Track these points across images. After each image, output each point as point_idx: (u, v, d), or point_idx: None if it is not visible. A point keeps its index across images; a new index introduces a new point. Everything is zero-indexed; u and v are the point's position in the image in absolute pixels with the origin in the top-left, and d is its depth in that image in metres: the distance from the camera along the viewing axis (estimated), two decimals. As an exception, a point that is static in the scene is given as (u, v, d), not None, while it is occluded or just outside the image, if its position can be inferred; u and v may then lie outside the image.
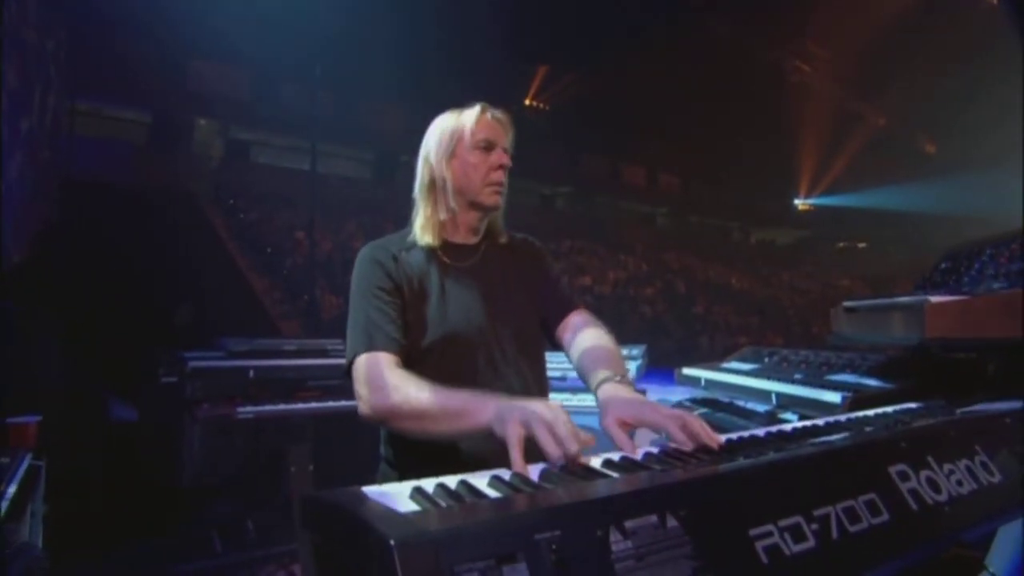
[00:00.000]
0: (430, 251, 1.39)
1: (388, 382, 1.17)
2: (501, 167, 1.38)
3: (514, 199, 1.54)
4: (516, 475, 0.77)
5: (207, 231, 10.55)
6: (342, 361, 1.34)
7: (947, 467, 0.85)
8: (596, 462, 0.86)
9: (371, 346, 1.23)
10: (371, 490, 0.69)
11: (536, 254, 1.54)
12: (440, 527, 0.52)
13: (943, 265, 1.88)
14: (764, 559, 0.60)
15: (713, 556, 0.57)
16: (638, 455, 0.89)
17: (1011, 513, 0.94)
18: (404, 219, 1.46)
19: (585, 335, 1.38)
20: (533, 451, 0.89)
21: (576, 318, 1.43)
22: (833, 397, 1.81)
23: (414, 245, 1.40)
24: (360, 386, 1.21)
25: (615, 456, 0.88)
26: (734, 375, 2.52)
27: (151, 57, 11.87)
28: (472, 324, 1.33)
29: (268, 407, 3.06)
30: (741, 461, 0.74)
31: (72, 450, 3.17)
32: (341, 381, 3.30)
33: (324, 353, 3.44)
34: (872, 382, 1.85)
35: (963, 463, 0.89)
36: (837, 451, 0.79)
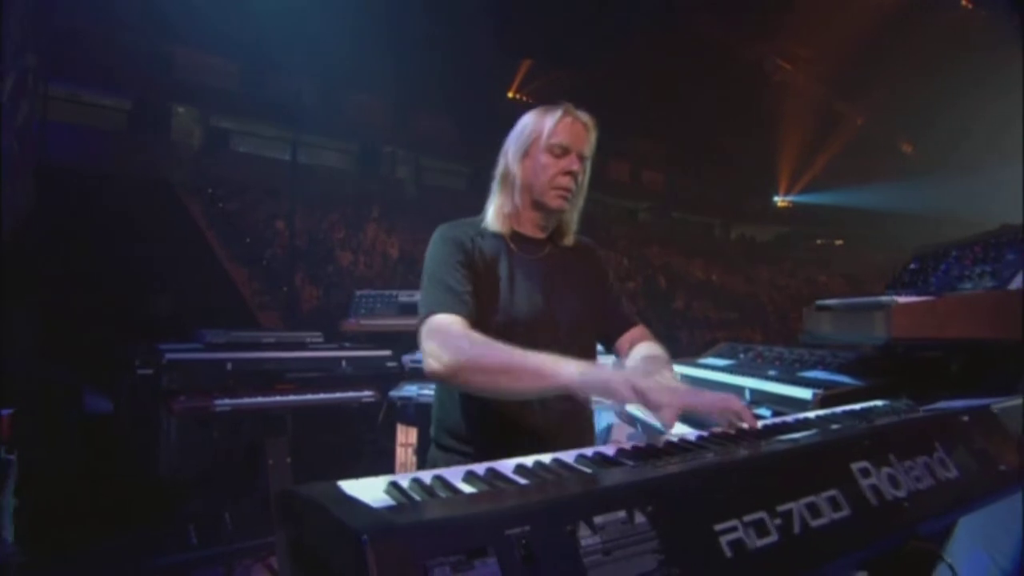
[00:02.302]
0: (501, 238, 1.45)
1: (466, 337, 1.21)
2: (570, 173, 1.40)
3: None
4: (489, 470, 0.79)
5: (186, 220, 10.39)
6: (320, 354, 1.39)
7: (907, 464, 0.88)
8: (570, 458, 0.87)
9: (446, 308, 1.28)
10: (346, 484, 0.70)
11: (598, 263, 1.60)
12: (411, 521, 0.53)
13: (912, 265, 1.92)
14: (728, 553, 0.62)
15: (679, 550, 0.59)
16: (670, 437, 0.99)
17: (966, 507, 0.98)
18: (387, 210, 1.50)
19: (641, 348, 1.45)
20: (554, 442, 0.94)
21: (635, 333, 1.52)
22: (804, 393, 1.85)
23: (486, 231, 1.45)
24: (432, 342, 1.24)
25: (589, 452, 0.90)
26: (710, 371, 2.56)
27: (130, 43, 11.64)
28: (534, 312, 1.39)
29: (246, 400, 3.03)
30: (709, 458, 0.76)
31: (45, 443, 3.12)
32: (320, 374, 3.29)
33: (303, 346, 3.43)
34: (842, 379, 1.89)
35: (922, 460, 0.92)
36: (802, 449, 0.81)
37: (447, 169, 17.64)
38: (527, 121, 1.44)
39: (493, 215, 1.45)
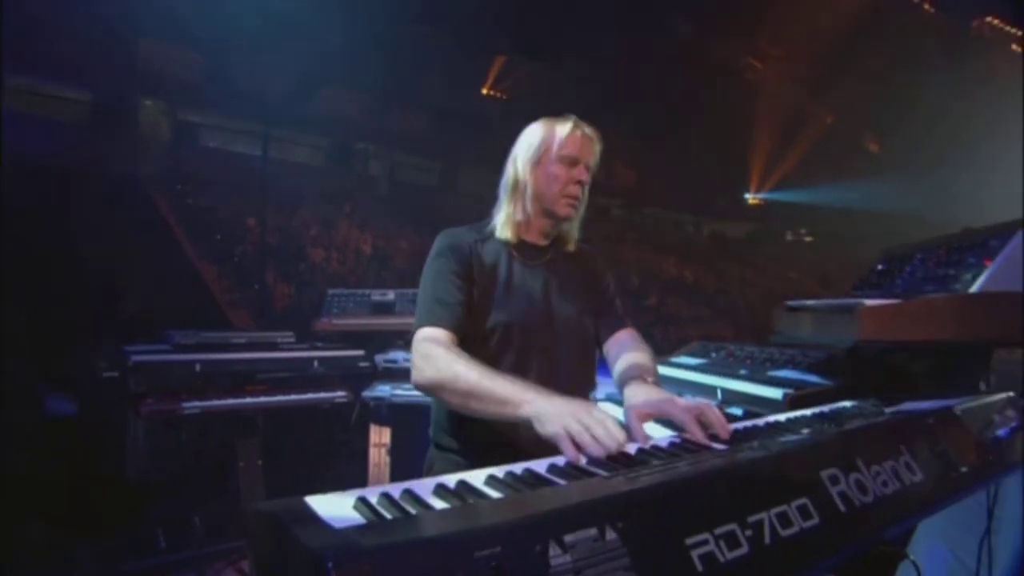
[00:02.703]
0: (504, 245, 1.50)
1: (442, 356, 1.27)
2: (579, 183, 1.48)
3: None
4: (460, 483, 0.78)
5: (152, 217, 10.16)
6: (292, 355, 1.43)
7: (874, 468, 0.90)
8: (542, 467, 0.87)
9: (433, 322, 1.34)
10: (314, 500, 0.69)
11: (598, 268, 1.65)
12: (378, 544, 0.52)
13: (879, 267, 1.96)
14: (699, 567, 0.62)
15: (650, 567, 0.59)
16: (646, 444, 1.00)
17: (930, 510, 0.99)
18: (359, 207, 1.52)
19: (627, 349, 1.49)
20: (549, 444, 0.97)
21: (623, 335, 1.56)
22: (775, 393, 1.88)
23: (490, 237, 1.51)
24: (417, 356, 1.31)
25: (560, 461, 0.90)
26: (682, 370, 2.58)
27: (92, 33, 11.30)
28: (531, 316, 1.44)
29: (216, 401, 2.98)
30: (681, 468, 0.76)
31: (3, 446, 3.03)
32: (291, 374, 3.25)
33: (274, 346, 3.38)
34: (812, 378, 1.92)
35: (889, 464, 0.93)
36: (772, 457, 0.82)
37: (420, 165, 17.53)
38: (537, 132, 1.50)
39: (503, 223, 1.50)
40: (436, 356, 1.27)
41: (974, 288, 1.42)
